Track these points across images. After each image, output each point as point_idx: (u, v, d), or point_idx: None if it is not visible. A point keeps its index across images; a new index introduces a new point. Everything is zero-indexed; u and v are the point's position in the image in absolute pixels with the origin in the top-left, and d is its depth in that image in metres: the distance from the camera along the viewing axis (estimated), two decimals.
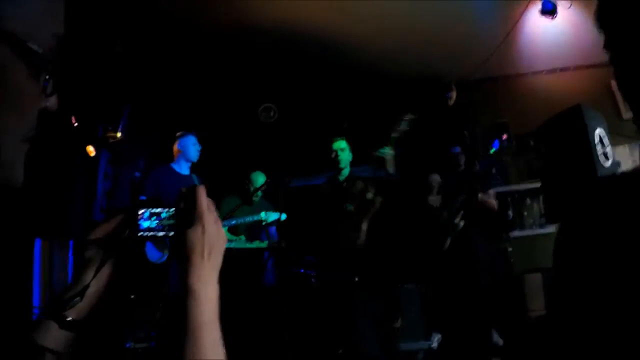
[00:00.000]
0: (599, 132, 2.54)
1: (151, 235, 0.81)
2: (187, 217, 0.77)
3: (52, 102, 0.64)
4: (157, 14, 4.01)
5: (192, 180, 3.93)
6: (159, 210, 0.80)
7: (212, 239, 0.76)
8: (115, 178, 4.42)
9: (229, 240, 4.16)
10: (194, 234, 0.75)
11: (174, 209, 0.80)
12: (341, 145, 3.67)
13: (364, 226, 3.33)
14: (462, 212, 3.93)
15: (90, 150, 4.19)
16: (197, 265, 0.74)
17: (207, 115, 4.82)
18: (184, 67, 4.66)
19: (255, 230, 4.42)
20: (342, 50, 4.64)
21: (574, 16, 4.21)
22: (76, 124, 4.28)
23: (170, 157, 3.83)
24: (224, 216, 3.79)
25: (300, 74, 4.90)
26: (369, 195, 3.47)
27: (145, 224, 0.81)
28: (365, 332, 3.03)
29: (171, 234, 0.80)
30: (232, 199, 4.43)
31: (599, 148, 2.51)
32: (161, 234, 0.80)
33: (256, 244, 3.88)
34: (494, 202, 4.09)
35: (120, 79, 4.27)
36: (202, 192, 0.78)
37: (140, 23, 4.13)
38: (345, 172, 3.67)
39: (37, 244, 4.32)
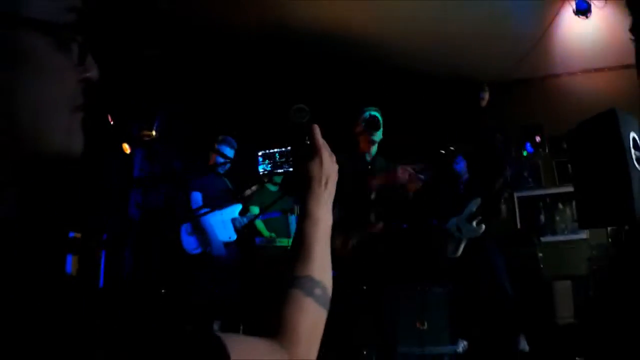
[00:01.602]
0: (633, 135, 2.49)
1: (270, 173, 0.92)
2: (305, 152, 0.86)
3: (93, 73, 0.68)
4: (191, 15, 4.12)
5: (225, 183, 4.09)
6: (273, 151, 0.92)
7: (328, 170, 0.85)
8: (150, 175, 4.57)
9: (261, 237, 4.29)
10: (313, 165, 0.85)
11: (287, 148, 0.91)
12: (377, 115, 3.16)
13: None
14: (478, 217, 3.85)
15: (126, 147, 4.34)
16: (316, 192, 0.83)
17: (239, 116, 4.91)
18: (218, 67, 4.76)
19: (284, 227, 4.52)
20: (374, 53, 4.66)
21: (608, 15, 4.11)
22: (112, 122, 4.44)
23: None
24: (261, 208, 3.90)
25: (333, 75, 4.94)
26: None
27: (261, 167, 0.92)
28: (395, 332, 2.99)
29: (290, 169, 0.91)
30: (263, 191, 4.55)
31: (633, 152, 2.46)
32: (280, 170, 0.92)
33: (287, 242, 3.95)
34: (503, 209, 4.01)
35: (154, 78, 4.40)
36: (317, 130, 0.88)
37: (176, 24, 4.25)
38: (373, 150, 3.17)
39: (71, 236, 4.51)
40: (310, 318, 0.75)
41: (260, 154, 0.92)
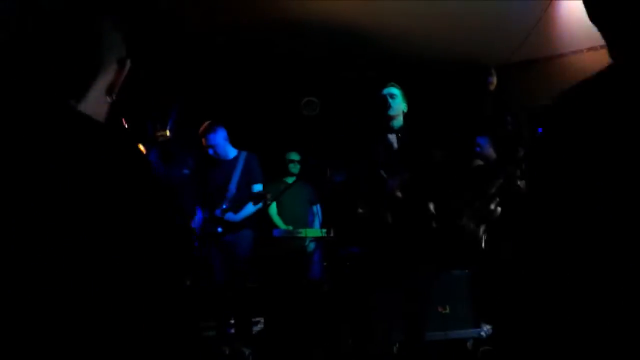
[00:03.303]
0: None
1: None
2: None
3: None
4: (198, 12, 4.13)
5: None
6: None
7: None
8: (165, 176, 4.61)
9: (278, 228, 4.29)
10: None
11: None
12: (391, 91, 3.14)
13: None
14: (497, 199, 3.86)
15: (141, 148, 4.40)
16: None
17: (251, 112, 4.95)
18: (229, 64, 4.78)
19: (303, 218, 4.55)
20: (374, 41, 4.63)
21: None
22: (127, 126, 4.50)
23: None
24: (274, 198, 3.85)
25: (335, 66, 4.93)
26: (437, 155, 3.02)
27: None
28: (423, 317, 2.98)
29: None
30: (275, 184, 4.59)
31: None
32: None
33: (305, 232, 3.96)
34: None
35: (168, 78, 4.44)
36: None
37: (184, 22, 4.27)
38: (398, 122, 3.13)
39: None
40: None
41: None
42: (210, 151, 3.91)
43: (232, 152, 3.97)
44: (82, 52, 0.92)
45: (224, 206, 3.72)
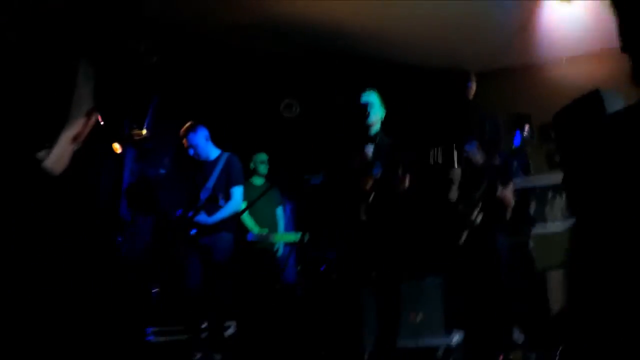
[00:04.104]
0: None
1: None
2: None
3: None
4: (177, 11, 4.08)
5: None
6: None
7: None
8: (141, 175, 4.55)
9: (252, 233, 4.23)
10: None
11: None
12: (370, 99, 3.12)
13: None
14: (480, 206, 3.89)
15: (116, 147, 4.33)
16: None
17: (229, 112, 4.89)
18: (208, 63, 4.72)
19: (271, 219, 4.50)
20: (354, 43, 4.61)
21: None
22: (102, 122, 4.42)
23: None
24: (248, 204, 3.75)
25: (313, 67, 4.88)
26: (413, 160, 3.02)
27: None
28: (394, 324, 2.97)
29: None
30: (247, 186, 4.54)
31: None
32: None
33: (279, 237, 3.91)
34: (510, 198, 4.05)
35: (145, 77, 4.38)
36: None
37: (163, 21, 4.22)
38: (376, 128, 3.13)
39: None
40: None
41: None
42: (191, 151, 3.78)
43: (214, 153, 3.83)
44: (55, 108, 1.07)
45: (190, 213, 3.62)
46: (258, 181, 4.60)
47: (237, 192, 3.71)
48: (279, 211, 4.65)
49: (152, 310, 3.85)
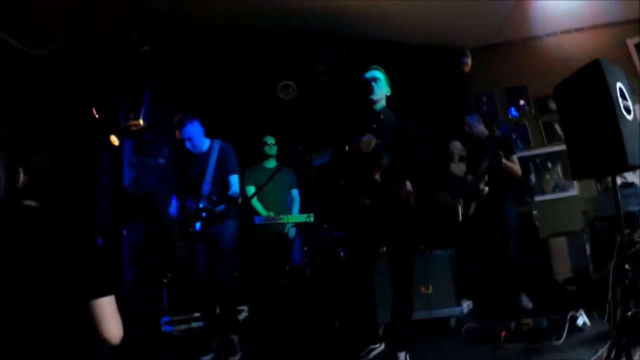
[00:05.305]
0: (619, 85, 2.52)
1: None
2: None
3: None
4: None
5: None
6: None
7: None
8: (140, 166, 4.52)
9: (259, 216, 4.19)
10: None
11: None
12: (375, 74, 3.07)
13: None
14: (486, 177, 3.93)
15: (114, 139, 4.29)
16: None
17: (226, 97, 4.84)
18: (203, 49, 4.66)
19: (283, 203, 4.49)
20: (350, 22, 4.56)
21: None
22: (97, 115, 4.37)
23: None
24: (258, 187, 3.61)
25: (312, 49, 4.84)
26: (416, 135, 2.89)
27: None
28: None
29: None
30: (254, 169, 4.53)
31: (620, 101, 2.49)
32: None
33: (287, 218, 3.88)
34: (518, 168, 4.10)
35: (137, 67, 4.32)
36: None
37: (151, 8, 4.14)
38: (381, 105, 3.06)
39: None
40: None
41: None
42: (188, 144, 3.62)
43: (206, 143, 3.72)
44: None
45: (201, 205, 3.48)
46: (270, 164, 4.59)
47: (235, 180, 3.65)
48: (294, 193, 4.65)
49: (164, 301, 3.85)
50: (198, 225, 3.48)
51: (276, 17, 4.35)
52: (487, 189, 3.90)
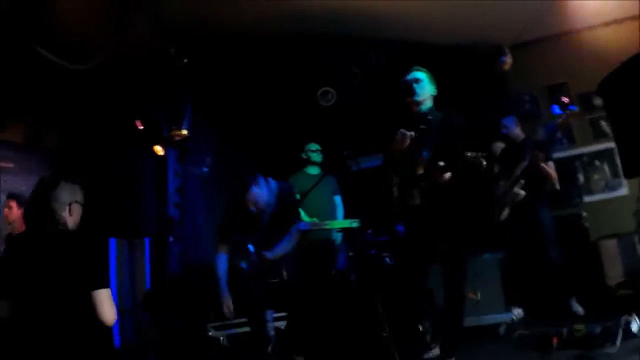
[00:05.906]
0: None
1: None
2: None
3: None
4: (210, 9, 4.08)
5: None
6: None
7: None
8: (185, 175, 4.62)
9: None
10: None
11: None
12: (416, 75, 3.00)
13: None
14: (522, 181, 3.83)
15: (158, 149, 4.39)
16: None
17: (267, 106, 4.88)
18: (243, 58, 4.72)
19: (327, 209, 4.48)
20: (383, 26, 4.54)
21: None
22: (141, 127, 4.50)
23: None
24: (302, 194, 3.51)
25: (346, 54, 4.84)
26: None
27: None
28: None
29: None
30: (297, 176, 4.55)
31: None
32: None
33: (331, 224, 3.84)
34: (553, 172, 3.99)
35: (178, 79, 4.41)
36: None
37: (186, 22, 4.22)
38: (426, 106, 2.99)
39: (112, 243, 4.59)
40: None
41: None
42: (252, 208, 3.20)
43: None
44: None
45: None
46: (313, 170, 4.61)
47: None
48: (337, 199, 4.65)
49: (210, 307, 3.89)
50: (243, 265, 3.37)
51: (306, 22, 4.36)
52: (522, 192, 3.81)
